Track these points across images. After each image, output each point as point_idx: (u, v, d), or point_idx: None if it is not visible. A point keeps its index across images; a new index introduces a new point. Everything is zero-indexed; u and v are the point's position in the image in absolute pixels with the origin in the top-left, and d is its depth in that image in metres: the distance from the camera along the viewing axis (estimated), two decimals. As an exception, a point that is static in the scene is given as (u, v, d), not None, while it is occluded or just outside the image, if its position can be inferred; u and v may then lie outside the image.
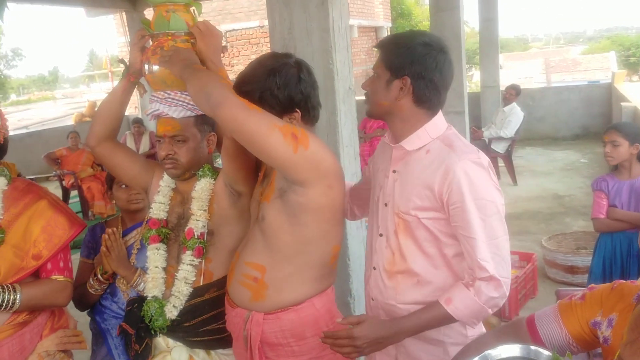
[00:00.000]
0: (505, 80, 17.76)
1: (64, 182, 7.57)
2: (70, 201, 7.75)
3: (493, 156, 7.76)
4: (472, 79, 20.99)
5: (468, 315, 1.57)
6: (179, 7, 1.80)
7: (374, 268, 1.78)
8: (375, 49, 1.72)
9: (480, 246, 1.53)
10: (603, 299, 1.26)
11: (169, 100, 1.81)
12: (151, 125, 7.19)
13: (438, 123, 1.70)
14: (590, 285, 1.34)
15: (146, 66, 1.82)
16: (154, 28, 1.81)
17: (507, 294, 1.56)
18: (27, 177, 6.49)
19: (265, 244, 1.72)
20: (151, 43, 1.85)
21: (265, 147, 1.53)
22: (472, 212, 1.53)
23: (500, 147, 7.62)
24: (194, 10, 1.86)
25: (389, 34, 20.29)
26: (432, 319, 1.58)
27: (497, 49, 10.30)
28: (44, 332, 1.97)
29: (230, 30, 14.42)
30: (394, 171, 1.72)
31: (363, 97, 1.79)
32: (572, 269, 4.36)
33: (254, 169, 1.84)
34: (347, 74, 2.87)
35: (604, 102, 10.45)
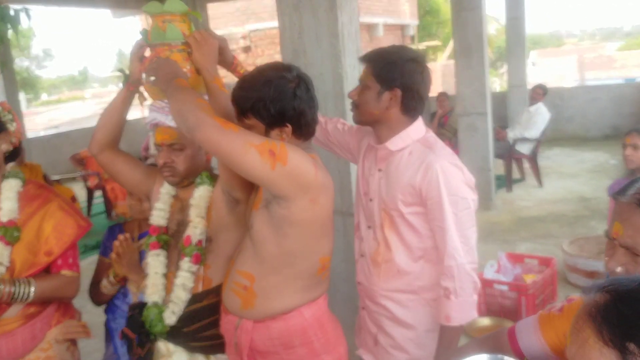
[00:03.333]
0: (537, 78, 17.42)
1: (88, 183, 7.72)
2: (94, 201, 7.91)
3: (518, 157, 7.64)
4: (503, 77, 20.69)
5: (467, 314, 1.81)
6: (175, 17, 1.81)
7: (362, 255, 2.01)
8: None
9: (452, 236, 1.76)
10: None
11: (167, 109, 1.83)
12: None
13: (418, 127, 1.89)
14: (569, 297, 1.32)
15: (144, 76, 1.85)
16: (151, 38, 1.83)
17: (475, 276, 1.79)
18: (53, 177, 6.63)
19: (254, 252, 1.74)
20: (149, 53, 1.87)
21: (243, 166, 1.56)
22: (446, 206, 1.75)
23: (525, 148, 7.49)
24: (191, 18, 1.87)
25: (415, 32, 20.16)
26: (450, 340, 1.82)
27: (524, 48, 10.13)
28: (52, 322, 2.10)
29: (254, 30, 14.49)
30: (379, 170, 1.92)
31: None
32: (593, 274, 4.26)
33: None
34: (357, 78, 2.86)
35: (636, 101, 10.20)
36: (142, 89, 1.94)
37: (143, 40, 1.87)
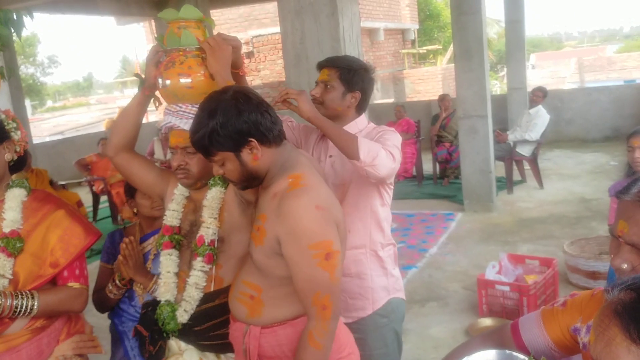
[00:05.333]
0: (537, 80, 17.39)
1: (94, 188, 7.78)
2: (100, 206, 7.96)
3: (518, 159, 7.69)
4: (503, 80, 20.78)
5: (368, 148, 1.98)
6: (190, 23, 1.87)
7: None
8: (323, 66, 2.24)
9: (387, 144, 2.08)
10: (583, 305, 1.26)
11: (181, 113, 1.89)
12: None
13: (363, 120, 2.29)
14: (572, 292, 1.35)
15: (160, 80, 1.90)
16: (167, 44, 1.89)
17: (396, 160, 2.07)
18: (60, 183, 6.66)
19: (258, 270, 1.76)
20: (165, 58, 1.93)
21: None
22: (389, 138, 2.12)
23: (525, 151, 7.53)
24: (205, 25, 1.94)
25: (416, 36, 20.24)
26: (345, 134, 2.01)
27: (523, 50, 10.17)
28: (61, 337, 2.03)
29: (256, 36, 14.58)
30: (330, 156, 2.25)
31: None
32: (594, 275, 4.31)
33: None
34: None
35: (636, 102, 10.24)
36: (157, 93, 2.00)
37: (159, 45, 1.93)
